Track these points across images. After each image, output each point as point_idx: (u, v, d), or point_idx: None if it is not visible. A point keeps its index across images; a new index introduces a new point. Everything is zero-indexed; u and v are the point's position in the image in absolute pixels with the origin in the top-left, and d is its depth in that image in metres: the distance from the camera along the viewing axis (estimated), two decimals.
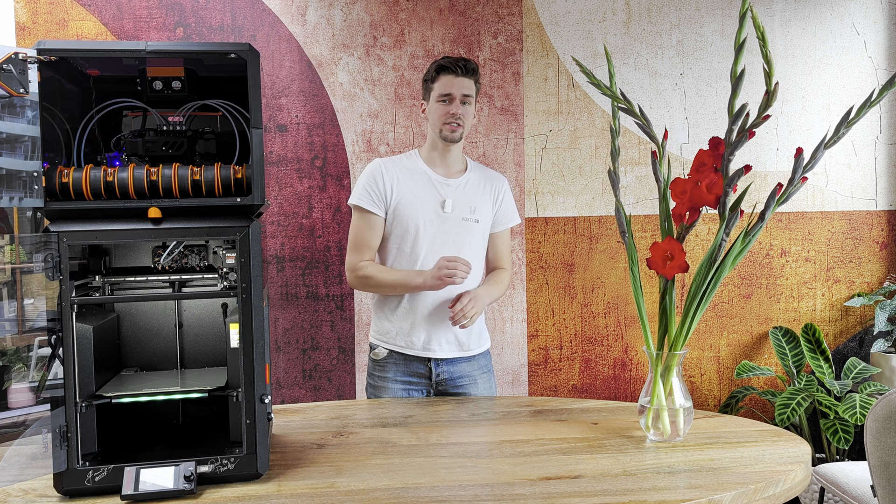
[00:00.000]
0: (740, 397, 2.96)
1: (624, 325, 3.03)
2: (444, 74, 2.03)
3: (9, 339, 2.36)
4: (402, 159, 2.12)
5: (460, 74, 2.02)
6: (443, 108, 2.03)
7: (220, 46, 1.35)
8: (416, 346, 2.06)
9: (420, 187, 2.06)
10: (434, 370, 2.07)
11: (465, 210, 2.07)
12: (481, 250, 2.13)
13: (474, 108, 2.09)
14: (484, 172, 2.17)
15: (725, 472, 1.37)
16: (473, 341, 2.11)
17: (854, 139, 3.04)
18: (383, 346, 2.09)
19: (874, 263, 3.09)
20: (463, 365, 2.10)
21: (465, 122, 2.04)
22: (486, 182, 2.14)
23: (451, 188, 2.08)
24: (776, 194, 1.47)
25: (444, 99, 2.03)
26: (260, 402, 1.36)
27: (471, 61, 2.05)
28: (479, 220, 2.09)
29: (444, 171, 2.10)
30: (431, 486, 1.32)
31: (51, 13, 2.74)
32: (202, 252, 1.49)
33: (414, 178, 2.07)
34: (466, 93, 2.03)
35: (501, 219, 2.16)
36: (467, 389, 2.10)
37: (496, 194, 2.14)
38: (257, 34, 2.82)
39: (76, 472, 1.29)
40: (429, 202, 2.05)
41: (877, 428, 1.78)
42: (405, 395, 2.07)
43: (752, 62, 2.78)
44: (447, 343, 2.06)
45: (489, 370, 2.17)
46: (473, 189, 2.10)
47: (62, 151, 1.39)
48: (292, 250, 2.88)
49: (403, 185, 2.05)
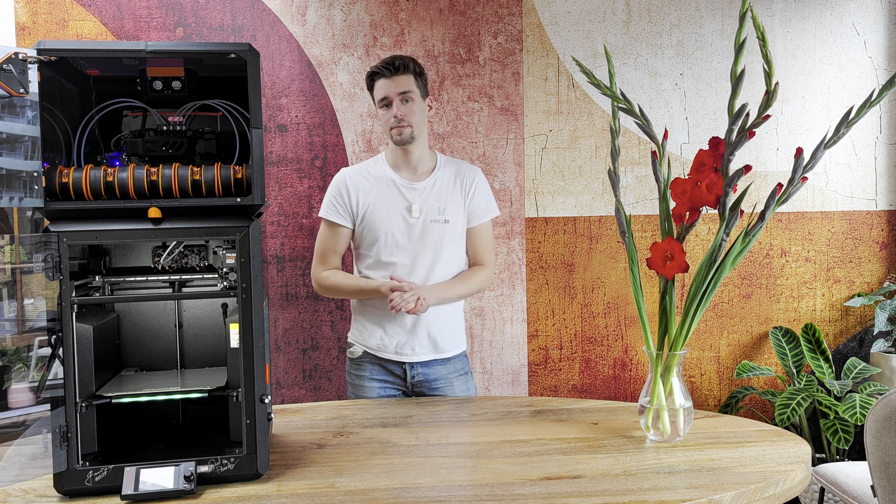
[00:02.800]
0: (740, 397, 2.96)
1: (624, 325, 3.03)
2: (377, 80, 2.00)
3: (9, 339, 2.36)
4: (368, 166, 2.10)
5: (391, 74, 1.97)
6: (386, 113, 2.00)
7: (220, 46, 1.35)
8: (390, 349, 2.06)
9: (386, 195, 2.03)
10: (409, 372, 2.06)
11: (434, 212, 2.04)
12: (456, 249, 2.09)
13: (422, 102, 2.03)
14: (455, 168, 2.11)
15: (725, 472, 1.37)
16: (447, 343, 2.09)
17: (854, 139, 3.04)
18: (359, 345, 2.09)
19: (874, 263, 3.09)
20: (438, 367, 2.08)
21: (411, 119, 1.98)
22: (455, 178, 2.09)
23: (418, 192, 2.05)
24: (776, 194, 1.47)
25: (385, 103, 1.99)
26: (260, 402, 1.36)
27: (400, 58, 1.98)
28: (448, 220, 2.05)
29: (409, 175, 2.07)
30: (431, 486, 1.32)
31: (51, 13, 2.74)
32: (202, 252, 1.49)
33: (380, 185, 2.05)
34: (404, 90, 1.97)
35: (475, 212, 2.10)
36: (444, 392, 2.08)
37: (467, 188, 2.09)
38: (257, 34, 2.82)
39: (76, 472, 1.29)
40: (395, 209, 2.03)
41: (877, 428, 1.78)
42: (382, 393, 2.07)
43: (752, 62, 2.78)
44: (420, 347, 2.05)
45: (466, 372, 2.15)
46: (441, 189, 2.07)
47: (62, 151, 1.39)
48: (292, 250, 2.88)
49: (369, 194, 2.03)
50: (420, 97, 2.02)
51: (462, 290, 2.07)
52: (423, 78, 2.05)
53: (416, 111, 2.00)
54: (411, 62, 2.00)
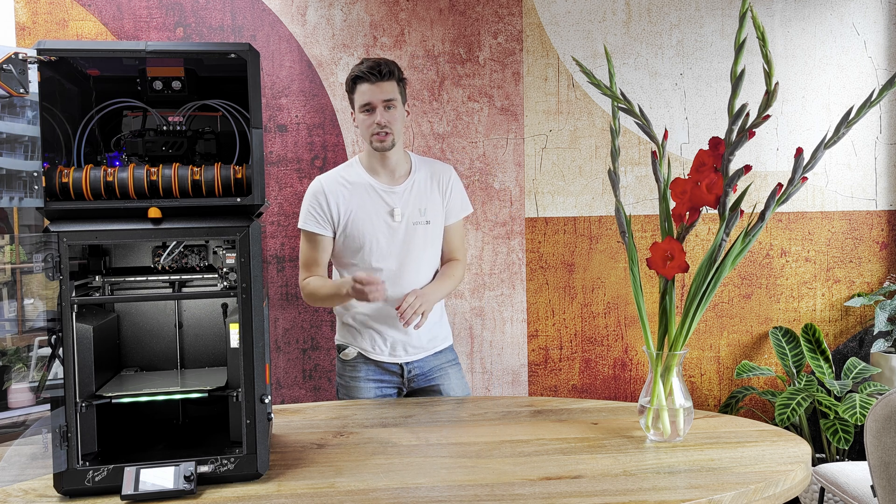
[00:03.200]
0: (740, 397, 2.96)
1: (624, 325, 3.03)
2: (360, 83, 1.94)
3: (9, 339, 2.36)
4: (343, 172, 2.07)
5: (376, 80, 1.92)
6: (367, 119, 1.96)
7: (220, 46, 1.35)
8: (384, 352, 2.07)
9: (367, 201, 2.02)
10: (405, 368, 2.09)
11: (415, 214, 2.04)
12: (437, 250, 2.11)
13: (402, 108, 2.01)
14: (430, 168, 2.12)
15: (725, 472, 1.37)
16: (439, 338, 2.13)
17: (854, 139, 3.04)
18: (352, 347, 2.09)
19: (874, 263, 3.09)
20: (430, 359, 2.12)
21: (393, 127, 1.96)
22: (432, 179, 2.09)
23: (398, 195, 2.04)
24: (776, 194, 1.47)
25: (366, 109, 1.96)
26: (260, 402, 1.37)
27: (385, 63, 1.94)
28: (429, 220, 2.06)
29: (387, 179, 2.05)
30: (431, 486, 1.32)
31: (51, 13, 2.74)
32: (202, 252, 1.49)
33: (359, 192, 2.02)
34: (387, 97, 1.94)
35: (451, 211, 2.12)
36: (440, 381, 2.11)
37: (443, 188, 2.10)
38: (257, 34, 2.82)
39: (76, 472, 1.29)
40: (378, 214, 2.02)
41: (877, 428, 1.78)
42: (378, 393, 2.08)
43: (752, 62, 2.78)
44: (412, 347, 2.08)
45: (457, 363, 2.19)
46: (420, 190, 2.07)
47: (62, 151, 1.39)
48: (292, 250, 2.88)
49: (349, 202, 2.01)
50: (401, 104, 2.01)
51: (450, 287, 2.10)
52: (404, 83, 2.04)
53: (398, 118, 1.98)
54: (396, 68, 1.97)
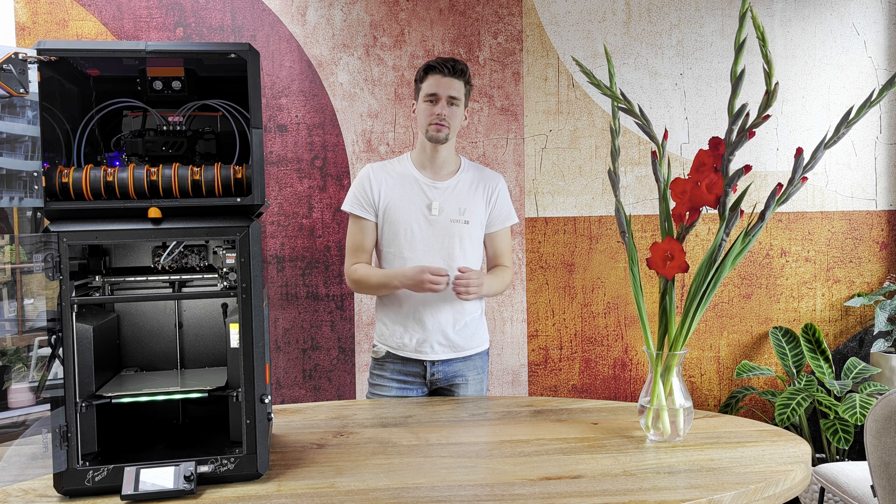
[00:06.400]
0: (740, 397, 2.96)
1: (624, 325, 3.03)
2: (432, 74, 2.03)
3: (9, 339, 2.36)
4: (393, 163, 2.14)
5: (447, 75, 2.01)
6: (429, 109, 2.03)
7: (220, 46, 1.34)
8: (409, 347, 2.08)
9: (408, 191, 2.07)
10: (429, 370, 2.09)
11: (454, 212, 2.07)
12: (474, 250, 2.13)
13: (463, 110, 2.08)
14: (479, 172, 2.16)
15: (725, 472, 1.37)
16: (467, 342, 2.12)
17: (854, 139, 3.04)
18: (382, 345, 2.12)
19: (874, 263, 3.09)
20: (458, 365, 2.11)
21: (451, 122, 2.03)
22: (479, 182, 2.13)
23: (440, 190, 2.08)
24: (776, 194, 1.47)
25: (431, 99, 2.03)
26: (260, 402, 1.36)
27: (460, 62, 2.04)
28: (468, 220, 2.08)
29: (432, 174, 2.10)
30: (431, 486, 1.32)
31: (51, 13, 2.74)
32: (202, 252, 1.49)
33: (402, 182, 2.08)
34: (453, 94, 2.02)
35: (497, 218, 2.15)
36: (458, 386, 2.12)
37: (489, 194, 2.13)
38: (257, 34, 2.82)
39: (76, 472, 1.29)
40: (416, 205, 2.06)
41: (877, 428, 1.78)
42: (400, 392, 2.10)
43: (752, 62, 2.78)
44: (439, 346, 2.08)
45: (484, 371, 2.18)
46: (464, 190, 2.10)
47: (62, 151, 1.39)
48: (292, 250, 2.88)
49: (391, 189, 2.07)
50: (463, 106, 2.08)
51: (498, 286, 2.13)
52: (471, 88, 2.11)
53: (457, 116, 2.06)
54: (468, 71, 2.07)
